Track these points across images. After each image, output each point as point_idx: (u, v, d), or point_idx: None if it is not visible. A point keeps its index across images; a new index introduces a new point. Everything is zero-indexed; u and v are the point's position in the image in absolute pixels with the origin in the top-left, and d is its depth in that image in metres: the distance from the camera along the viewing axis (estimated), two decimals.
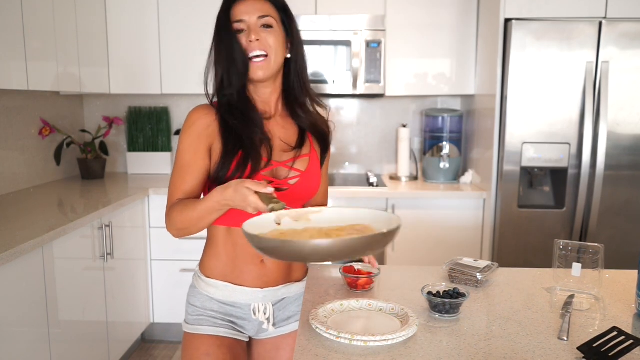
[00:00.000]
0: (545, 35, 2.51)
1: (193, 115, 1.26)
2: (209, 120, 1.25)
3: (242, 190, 1.06)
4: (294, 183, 1.27)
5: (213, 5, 3.19)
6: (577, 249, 1.30)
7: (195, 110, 1.27)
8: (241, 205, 1.08)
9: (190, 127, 1.25)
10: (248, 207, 1.06)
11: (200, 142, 1.24)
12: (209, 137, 1.24)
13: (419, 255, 2.85)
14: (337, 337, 1.01)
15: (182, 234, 1.23)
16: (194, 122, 1.25)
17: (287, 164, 1.28)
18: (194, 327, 1.32)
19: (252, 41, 1.21)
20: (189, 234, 1.23)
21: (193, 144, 1.24)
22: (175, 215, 1.21)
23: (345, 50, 2.96)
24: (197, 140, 1.24)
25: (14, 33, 2.17)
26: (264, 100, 1.30)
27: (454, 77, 3.06)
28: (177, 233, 1.24)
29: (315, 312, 1.13)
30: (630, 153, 2.55)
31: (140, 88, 3.12)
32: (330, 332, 1.02)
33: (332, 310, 1.16)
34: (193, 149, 1.23)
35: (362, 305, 1.19)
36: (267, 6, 1.24)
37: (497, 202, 2.67)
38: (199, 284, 1.34)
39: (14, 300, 1.71)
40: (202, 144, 1.24)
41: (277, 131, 1.30)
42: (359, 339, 0.99)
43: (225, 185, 1.11)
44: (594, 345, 0.98)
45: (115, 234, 2.44)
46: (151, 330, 3.04)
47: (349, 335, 1.00)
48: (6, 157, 2.60)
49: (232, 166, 1.21)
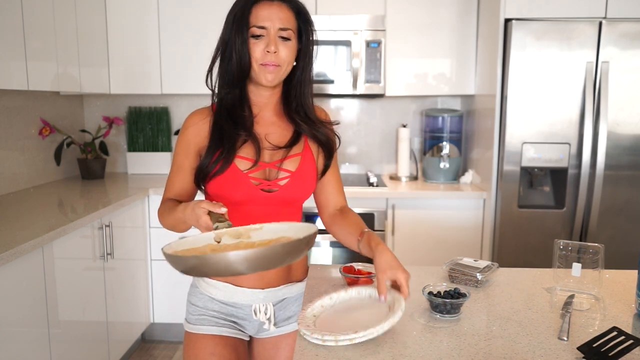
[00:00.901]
0: (545, 35, 2.51)
1: (188, 121, 1.30)
2: (200, 126, 1.27)
3: (197, 210, 1.08)
4: (284, 184, 1.26)
5: (213, 5, 3.20)
6: (577, 249, 1.31)
7: (191, 115, 1.30)
8: (196, 225, 1.11)
9: (183, 132, 1.30)
10: (200, 226, 1.08)
11: (190, 147, 1.28)
12: (198, 143, 1.27)
13: (419, 255, 2.85)
14: (323, 341, 1.01)
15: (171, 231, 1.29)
16: (187, 127, 1.29)
17: (276, 165, 1.27)
18: (196, 326, 1.32)
19: (269, 52, 1.18)
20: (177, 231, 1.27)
21: (184, 148, 1.28)
22: (160, 216, 1.29)
23: (345, 50, 2.96)
24: (187, 145, 1.28)
25: (14, 33, 2.17)
26: (261, 102, 1.29)
27: (454, 77, 3.06)
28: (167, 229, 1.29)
29: (304, 314, 1.13)
30: (630, 153, 2.55)
31: (140, 88, 3.12)
32: (315, 336, 1.01)
33: (321, 307, 1.16)
34: (184, 152, 1.28)
35: (352, 294, 1.19)
36: (289, 15, 1.20)
37: (497, 202, 2.67)
38: (200, 284, 1.34)
39: (14, 300, 1.71)
40: (192, 149, 1.28)
41: (271, 133, 1.29)
42: (343, 338, 0.99)
43: (189, 202, 1.15)
44: (594, 345, 0.98)
45: (115, 234, 2.44)
46: (151, 330, 3.04)
47: (333, 337, 1.00)
48: (6, 157, 2.60)
49: (210, 162, 1.23)
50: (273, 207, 1.26)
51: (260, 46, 1.18)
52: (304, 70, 1.27)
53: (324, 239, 2.84)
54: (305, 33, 1.24)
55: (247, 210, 1.25)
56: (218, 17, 3.34)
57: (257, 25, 1.18)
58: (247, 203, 1.24)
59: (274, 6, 1.19)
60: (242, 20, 1.18)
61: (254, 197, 1.24)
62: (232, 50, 1.19)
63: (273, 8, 1.18)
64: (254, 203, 1.24)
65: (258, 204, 1.25)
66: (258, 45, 1.18)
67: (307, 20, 1.25)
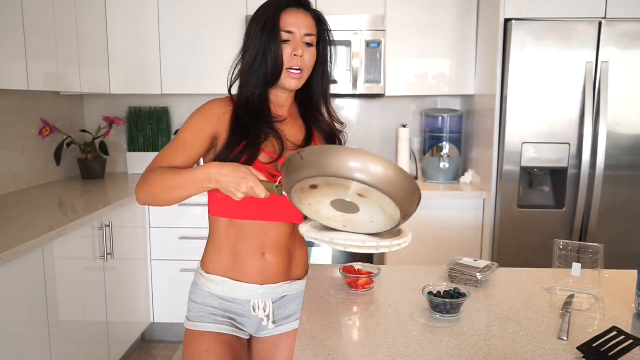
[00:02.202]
0: (545, 35, 2.51)
1: (211, 103, 1.30)
2: (224, 110, 1.28)
3: (243, 169, 1.10)
4: None
5: (213, 6, 3.19)
6: (577, 249, 1.31)
7: (214, 101, 1.31)
8: (235, 183, 1.10)
9: (203, 110, 1.28)
10: (242, 184, 1.09)
11: (207, 126, 1.25)
12: (218, 125, 1.26)
13: (419, 255, 2.85)
14: (331, 241, 1.03)
15: (149, 199, 1.22)
16: (210, 108, 1.28)
17: None
18: (194, 323, 1.33)
19: (296, 55, 1.24)
20: (155, 202, 1.22)
21: (199, 125, 1.26)
22: (153, 176, 1.20)
23: (345, 50, 2.96)
24: (204, 124, 1.26)
25: (14, 33, 2.17)
26: (279, 103, 1.33)
27: (454, 77, 3.06)
28: (144, 197, 1.22)
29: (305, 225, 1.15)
30: (630, 153, 2.55)
31: (140, 88, 3.12)
32: (322, 236, 1.04)
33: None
34: (197, 130, 1.26)
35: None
36: (313, 23, 1.28)
37: (497, 202, 2.67)
38: (200, 280, 1.35)
39: (14, 300, 1.71)
40: (208, 130, 1.25)
41: (287, 132, 1.32)
42: (354, 239, 1.03)
43: (224, 162, 1.15)
44: (593, 345, 0.98)
45: (115, 234, 2.44)
46: (151, 330, 3.04)
47: (329, 238, 1.03)
48: (6, 157, 2.60)
49: (234, 152, 1.22)
50: (280, 201, 1.27)
51: (287, 50, 1.24)
52: (323, 76, 1.34)
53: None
54: (323, 42, 1.32)
55: (251, 201, 1.25)
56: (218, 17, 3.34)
57: (285, 30, 1.24)
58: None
59: (300, 13, 1.26)
60: (274, 25, 1.23)
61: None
62: (268, 54, 1.23)
63: (300, 15, 1.26)
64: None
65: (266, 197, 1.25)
66: (285, 50, 1.24)
67: (327, 29, 1.32)
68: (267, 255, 1.31)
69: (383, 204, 1.01)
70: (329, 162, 0.98)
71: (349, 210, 1.07)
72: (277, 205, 1.28)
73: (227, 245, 1.31)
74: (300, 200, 1.09)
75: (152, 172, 1.22)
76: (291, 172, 1.04)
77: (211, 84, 2.80)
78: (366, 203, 1.02)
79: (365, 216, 1.06)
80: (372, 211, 1.04)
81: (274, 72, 1.24)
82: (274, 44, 1.23)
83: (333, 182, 1.00)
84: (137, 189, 1.23)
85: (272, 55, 1.23)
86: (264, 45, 1.23)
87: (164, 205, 1.23)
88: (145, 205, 1.24)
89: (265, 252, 1.31)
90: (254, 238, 1.29)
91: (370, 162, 0.97)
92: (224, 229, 1.31)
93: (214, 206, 1.32)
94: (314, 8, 1.30)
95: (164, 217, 2.85)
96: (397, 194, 0.99)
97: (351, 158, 0.98)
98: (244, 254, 1.30)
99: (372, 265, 1.40)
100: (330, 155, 0.99)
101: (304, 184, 1.03)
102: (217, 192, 1.25)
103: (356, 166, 0.97)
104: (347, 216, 1.08)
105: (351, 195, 1.01)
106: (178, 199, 1.20)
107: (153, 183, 1.19)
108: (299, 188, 1.05)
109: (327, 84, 1.36)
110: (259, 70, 1.25)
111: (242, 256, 1.30)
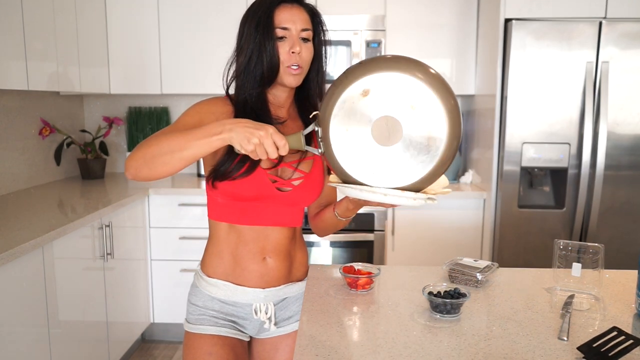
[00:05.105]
0: (545, 35, 2.51)
1: (212, 100, 1.27)
2: (224, 110, 1.26)
3: (275, 136, 1.01)
4: (297, 184, 1.27)
5: (213, 6, 3.18)
6: (577, 249, 1.31)
7: (214, 98, 1.28)
8: (253, 128, 0.99)
9: (205, 103, 1.25)
10: (261, 129, 0.99)
11: (210, 117, 1.22)
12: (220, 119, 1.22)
13: (419, 255, 2.85)
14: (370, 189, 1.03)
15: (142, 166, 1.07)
16: (213, 103, 1.26)
17: (293, 165, 1.28)
18: (195, 326, 1.32)
19: (294, 52, 1.20)
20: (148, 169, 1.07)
21: (202, 113, 1.22)
22: (154, 139, 1.08)
23: (345, 50, 2.96)
24: (207, 114, 1.22)
25: (14, 33, 2.17)
26: (278, 103, 1.30)
27: (454, 77, 3.06)
28: (136, 165, 1.08)
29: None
30: (630, 153, 2.55)
31: (140, 88, 3.12)
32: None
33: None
34: (199, 117, 1.21)
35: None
36: (308, 17, 1.24)
37: (497, 202, 2.67)
38: (200, 283, 1.34)
39: (14, 300, 1.71)
40: (210, 120, 1.20)
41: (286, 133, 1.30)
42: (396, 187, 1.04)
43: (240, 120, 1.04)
44: (593, 345, 0.98)
45: (115, 234, 2.44)
46: (151, 330, 3.04)
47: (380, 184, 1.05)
48: (6, 157, 2.60)
49: (235, 161, 1.19)
50: (280, 206, 1.27)
51: (284, 47, 1.20)
52: (318, 72, 1.30)
53: (324, 239, 2.84)
54: (318, 36, 1.27)
55: (252, 206, 1.25)
56: (218, 17, 3.35)
57: (280, 26, 1.20)
58: (256, 199, 1.24)
59: (295, 8, 1.22)
60: (268, 23, 1.19)
61: (268, 195, 1.24)
62: (263, 52, 1.20)
63: (294, 10, 1.22)
64: (262, 200, 1.24)
65: (266, 201, 1.25)
66: (282, 47, 1.20)
67: (321, 23, 1.28)
68: (268, 259, 1.30)
69: (432, 118, 1.01)
70: (388, 64, 1.03)
71: (388, 141, 1.04)
72: (277, 211, 1.27)
73: (228, 249, 1.30)
74: (340, 123, 1.05)
75: (149, 138, 1.11)
76: (342, 80, 1.05)
77: (211, 84, 2.81)
78: (412, 121, 1.02)
79: (402, 146, 1.03)
80: (415, 134, 1.02)
81: (271, 71, 1.21)
82: (268, 42, 1.19)
83: (391, 79, 1.02)
84: (128, 158, 1.10)
85: (267, 54, 1.19)
86: (258, 44, 1.19)
87: (155, 174, 1.07)
88: (134, 177, 1.09)
89: (266, 256, 1.30)
90: (254, 242, 1.29)
91: (426, 66, 1.03)
92: (224, 232, 1.30)
93: (213, 210, 1.31)
94: (307, 2, 1.26)
95: (164, 217, 2.85)
96: (448, 100, 1.01)
97: (410, 59, 1.04)
98: (245, 258, 1.29)
99: (372, 265, 1.40)
100: (388, 58, 1.05)
101: (356, 89, 1.03)
102: (217, 196, 1.25)
103: (415, 66, 1.02)
104: (383, 150, 1.04)
105: (404, 102, 1.02)
106: (177, 164, 1.05)
107: (153, 144, 1.06)
108: (348, 97, 1.03)
109: (323, 79, 1.32)
110: (255, 70, 1.21)
111: (242, 260, 1.29)
